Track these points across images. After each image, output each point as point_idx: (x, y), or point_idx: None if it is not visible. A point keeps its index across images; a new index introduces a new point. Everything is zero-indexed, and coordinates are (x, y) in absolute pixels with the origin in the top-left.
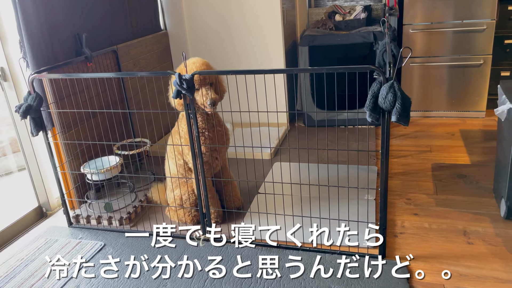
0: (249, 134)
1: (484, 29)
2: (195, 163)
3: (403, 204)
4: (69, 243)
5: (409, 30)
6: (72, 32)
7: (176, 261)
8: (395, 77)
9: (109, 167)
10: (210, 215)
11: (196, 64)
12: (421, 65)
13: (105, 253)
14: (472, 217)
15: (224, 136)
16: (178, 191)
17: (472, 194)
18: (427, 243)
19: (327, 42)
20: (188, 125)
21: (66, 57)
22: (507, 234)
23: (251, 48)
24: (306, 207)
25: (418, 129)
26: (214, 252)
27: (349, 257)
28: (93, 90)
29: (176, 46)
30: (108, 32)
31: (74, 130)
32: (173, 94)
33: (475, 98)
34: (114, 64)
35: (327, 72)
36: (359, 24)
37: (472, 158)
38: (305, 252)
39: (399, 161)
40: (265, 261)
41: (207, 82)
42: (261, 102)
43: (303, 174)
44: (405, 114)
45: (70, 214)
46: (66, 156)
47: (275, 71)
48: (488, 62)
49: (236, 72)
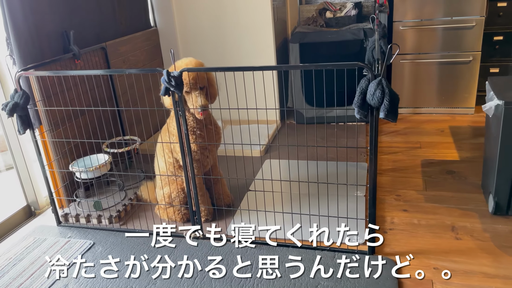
0: (241, 131)
1: (473, 25)
2: (184, 161)
3: (392, 201)
4: (57, 242)
5: (399, 27)
6: (60, 29)
7: (166, 259)
8: (383, 74)
9: (98, 165)
10: (200, 213)
11: (189, 64)
12: (411, 62)
13: (94, 252)
14: (461, 213)
15: (215, 134)
16: (167, 189)
17: (461, 190)
18: (416, 239)
19: (318, 39)
20: (177, 122)
21: (54, 55)
22: (494, 230)
23: (242, 45)
24: (296, 204)
25: (408, 125)
26: (208, 251)
27: (337, 253)
28: (81, 88)
29: (166, 44)
30: (97, 29)
31: (62, 128)
32: (161, 91)
33: (464, 94)
34: (103, 61)
35: (316, 69)
36: (350, 21)
37: (461, 154)
38: (295, 249)
39: (389, 157)
40: (265, 260)
41: (198, 87)
42: (252, 99)
43: (293, 171)
44: (393, 110)
45: (59, 213)
46: (54, 154)
47: (263, 68)
48: (477, 59)
49: (225, 69)
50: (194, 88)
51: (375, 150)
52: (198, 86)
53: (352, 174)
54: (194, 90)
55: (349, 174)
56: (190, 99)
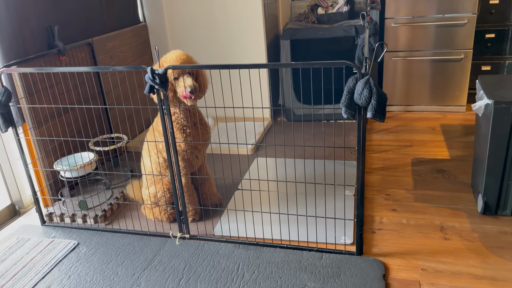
0: (232, 129)
1: (465, 23)
2: (170, 160)
3: (382, 200)
4: (41, 242)
5: (391, 24)
6: (44, 24)
7: (151, 259)
8: (371, 73)
9: (82, 164)
10: (186, 213)
11: (179, 57)
12: (402, 59)
13: (78, 253)
14: (450, 213)
15: (205, 133)
16: (152, 188)
17: (451, 189)
18: (404, 239)
19: (309, 35)
20: (162, 121)
21: (38, 50)
22: (483, 230)
23: (232, 41)
24: (284, 204)
25: (399, 123)
26: (195, 251)
27: (325, 254)
28: (67, 85)
29: (155, 39)
30: (83, 24)
31: (47, 126)
32: (146, 90)
33: (455, 92)
34: (89, 57)
35: (303, 67)
36: (342, 18)
37: (451, 152)
38: (282, 250)
39: (380, 156)
40: (251, 261)
41: (187, 71)
42: (243, 97)
43: (282, 170)
44: (381, 110)
45: (43, 212)
46: (38, 153)
47: (249, 66)
48: (469, 57)
49: (210, 66)
50: (183, 72)
51: (362, 150)
52: (187, 71)
53: (342, 173)
54: (183, 75)
55: (338, 173)
56: (179, 85)
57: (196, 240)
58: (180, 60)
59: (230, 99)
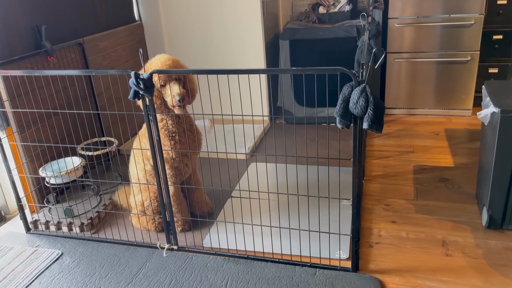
0: (229, 132)
1: (472, 24)
2: (157, 169)
3: (381, 211)
4: (24, 251)
5: (394, 24)
6: (31, 23)
7: (136, 273)
8: (367, 80)
9: (68, 170)
10: (174, 223)
11: (164, 62)
12: (406, 61)
13: (61, 264)
14: (452, 226)
15: (195, 141)
16: (140, 196)
17: (454, 199)
18: (403, 254)
19: (309, 36)
20: (148, 128)
21: (23, 51)
22: (487, 245)
23: (230, 41)
24: (278, 215)
25: (401, 127)
26: (182, 264)
27: (319, 270)
28: (55, 86)
29: (151, 39)
30: (74, 24)
31: (35, 128)
32: (130, 95)
33: (461, 95)
34: (80, 58)
35: (294, 73)
36: (343, 17)
37: (456, 160)
38: (274, 264)
39: (380, 162)
40: (240, 275)
41: (174, 78)
42: (239, 99)
43: (279, 176)
44: (378, 120)
45: (28, 220)
46: (24, 157)
47: (238, 72)
48: (476, 59)
49: (199, 71)
50: (169, 79)
51: (359, 162)
52: (174, 77)
53: (341, 181)
54: (169, 81)
55: (335, 181)
56: (166, 93)
57: (185, 252)
58: (165, 65)
59: (228, 100)
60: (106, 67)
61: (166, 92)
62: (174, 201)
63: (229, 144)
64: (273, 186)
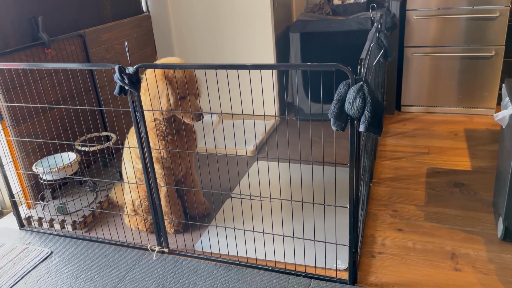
0: (235, 128)
1: (497, 16)
2: (145, 169)
3: (387, 217)
4: (14, 249)
5: (412, 17)
6: (27, 14)
7: (123, 276)
8: (365, 79)
9: (62, 166)
10: (164, 226)
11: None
12: (425, 56)
13: (49, 263)
14: (464, 237)
15: (190, 140)
16: (132, 195)
17: (468, 207)
18: (407, 267)
19: (321, 28)
20: (135, 125)
21: (19, 43)
22: (501, 260)
23: (238, 33)
24: (277, 219)
25: (418, 126)
26: (171, 269)
27: (315, 281)
28: (53, 79)
29: (159, 30)
30: (74, 15)
31: (30, 123)
32: (115, 90)
33: (484, 93)
34: (80, 50)
35: (285, 69)
36: (359, 9)
37: (473, 163)
38: (267, 272)
39: (392, 164)
40: (231, 284)
41: (193, 92)
42: (248, 94)
43: (284, 176)
44: (375, 123)
45: (22, 216)
46: (18, 152)
47: (236, 67)
48: (501, 54)
49: (185, 66)
50: (190, 92)
51: (356, 169)
52: (193, 91)
53: (341, 182)
54: (190, 94)
55: (338, 182)
56: (185, 105)
57: (175, 255)
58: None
59: (234, 95)
60: (110, 60)
61: (184, 106)
62: (166, 202)
63: (237, 139)
64: (275, 187)
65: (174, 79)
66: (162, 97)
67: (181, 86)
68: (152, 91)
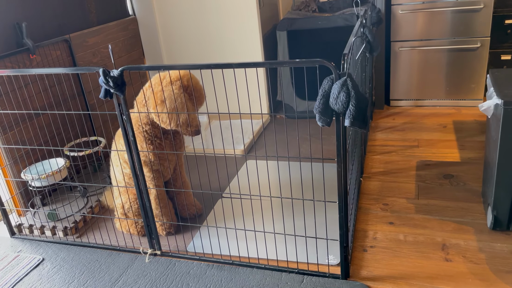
0: (226, 129)
1: (481, 8)
2: (134, 172)
3: (379, 211)
4: (6, 257)
5: (398, 11)
6: (11, 21)
7: (116, 280)
8: (348, 73)
9: (51, 172)
10: (156, 228)
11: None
12: (412, 50)
13: (41, 270)
14: (455, 227)
15: (178, 143)
16: (119, 199)
17: (458, 198)
18: (399, 259)
19: (307, 26)
20: (122, 129)
21: (3, 50)
22: (491, 249)
23: (226, 33)
24: (269, 218)
25: (407, 120)
26: (164, 270)
27: (307, 277)
28: (40, 85)
29: (146, 33)
30: (59, 20)
31: (18, 129)
32: (101, 94)
33: (471, 85)
34: (66, 55)
35: (269, 67)
36: (345, 5)
37: (462, 154)
38: (260, 270)
39: (382, 158)
40: (224, 283)
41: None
42: (241, 93)
43: (273, 174)
44: (360, 117)
45: (12, 223)
46: (6, 160)
47: (221, 66)
48: (486, 45)
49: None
50: (199, 103)
51: (344, 164)
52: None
53: (331, 178)
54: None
55: (327, 178)
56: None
57: (168, 257)
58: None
59: (223, 95)
60: (97, 64)
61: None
62: (157, 204)
63: (226, 140)
64: (265, 186)
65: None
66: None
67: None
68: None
